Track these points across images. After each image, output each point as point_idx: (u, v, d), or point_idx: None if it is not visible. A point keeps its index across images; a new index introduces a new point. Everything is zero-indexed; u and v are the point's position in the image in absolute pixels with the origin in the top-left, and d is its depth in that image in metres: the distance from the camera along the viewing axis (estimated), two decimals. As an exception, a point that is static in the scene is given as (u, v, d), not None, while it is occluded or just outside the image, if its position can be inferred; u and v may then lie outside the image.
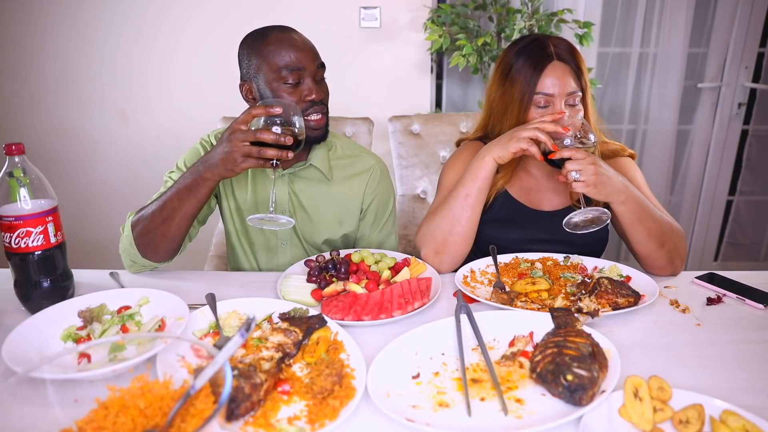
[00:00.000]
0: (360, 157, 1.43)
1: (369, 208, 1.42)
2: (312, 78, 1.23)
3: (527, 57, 1.26)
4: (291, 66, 1.20)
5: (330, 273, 1.15)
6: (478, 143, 1.44)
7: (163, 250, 1.20)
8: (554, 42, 1.27)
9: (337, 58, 2.59)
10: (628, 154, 1.42)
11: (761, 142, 2.97)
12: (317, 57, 1.25)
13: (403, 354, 0.87)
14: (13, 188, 0.99)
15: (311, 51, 1.24)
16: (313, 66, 1.23)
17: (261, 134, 1.04)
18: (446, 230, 1.24)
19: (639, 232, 1.19)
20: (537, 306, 1.05)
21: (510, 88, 1.28)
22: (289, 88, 1.21)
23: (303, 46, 1.23)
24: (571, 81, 1.25)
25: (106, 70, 2.62)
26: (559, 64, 1.24)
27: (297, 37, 1.25)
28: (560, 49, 1.26)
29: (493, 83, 1.35)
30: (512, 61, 1.28)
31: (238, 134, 1.05)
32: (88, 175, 2.77)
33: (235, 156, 1.05)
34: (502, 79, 1.31)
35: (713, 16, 2.74)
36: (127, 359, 0.80)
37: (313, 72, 1.23)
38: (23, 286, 1.03)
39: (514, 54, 1.29)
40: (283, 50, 1.21)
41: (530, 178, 1.40)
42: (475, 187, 1.24)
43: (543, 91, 1.24)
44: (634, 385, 0.74)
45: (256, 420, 0.72)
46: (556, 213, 1.37)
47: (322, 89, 1.26)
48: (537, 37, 1.30)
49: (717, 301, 1.09)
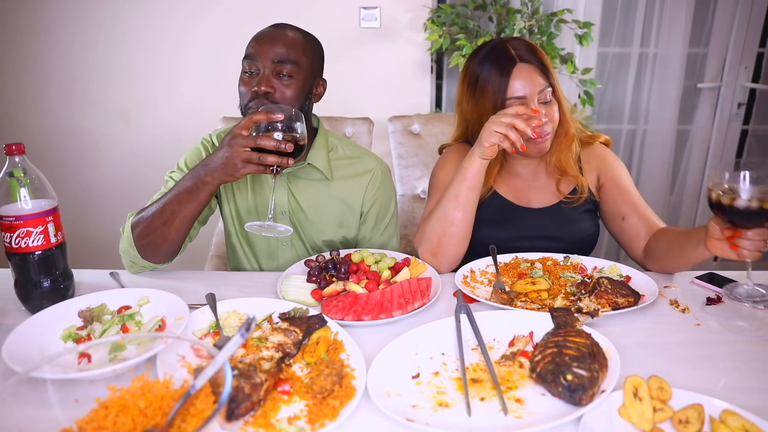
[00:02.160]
0: (361, 158, 1.42)
1: (369, 212, 1.42)
2: (270, 71, 1.21)
3: (491, 65, 1.26)
4: (249, 56, 1.22)
5: (330, 273, 1.15)
6: (463, 145, 1.45)
7: (163, 252, 1.20)
8: (513, 45, 1.28)
9: (337, 58, 2.59)
10: (603, 141, 1.44)
11: (761, 142, 2.96)
12: (279, 54, 1.21)
13: (403, 354, 0.87)
14: (14, 188, 0.99)
15: (274, 46, 1.21)
16: (267, 59, 1.20)
17: (262, 141, 1.04)
18: (440, 231, 1.24)
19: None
20: (537, 306, 1.05)
21: (481, 98, 1.28)
22: (245, 77, 1.23)
23: (268, 40, 1.22)
24: (539, 79, 1.25)
25: (107, 70, 2.63)
26: (523, 65, 1.25)
27: (273, 32, 1.24)
28: (520, 50, 1.26)
29: (462, 96, 1.35)
30: (477, 71, 1.29)
31: (239, 140, 1.05)
32: (88, 175, 2.77)
33: (235, 161, 1.05)
34: (471, 91, 1.31)
35: (713, 16, 2.74)
36: (127, 359, 0.80)
37: (268, 66, 1.20)
38: (23, 286, 1.03)
39: (477, 64, 1.30)
40: (251, 42, 1.24)
41: (518, 176, 1.42)
42: (464, 186, 1.23)
43: (514, 95, 1.24)
44: (634, 385, 0.74)
45: (256, 420, 0.72)
46: (545, 210, 1.38)
47: (275, 85, 1.21)
48: (495, 43, 1.30)
49: (717, 301, 1.09)
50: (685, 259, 1.15)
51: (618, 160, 1.41)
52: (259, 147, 1.04)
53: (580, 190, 1.36)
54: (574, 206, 1.37)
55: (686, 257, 1.14)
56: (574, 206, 1.37)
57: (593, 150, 1.41)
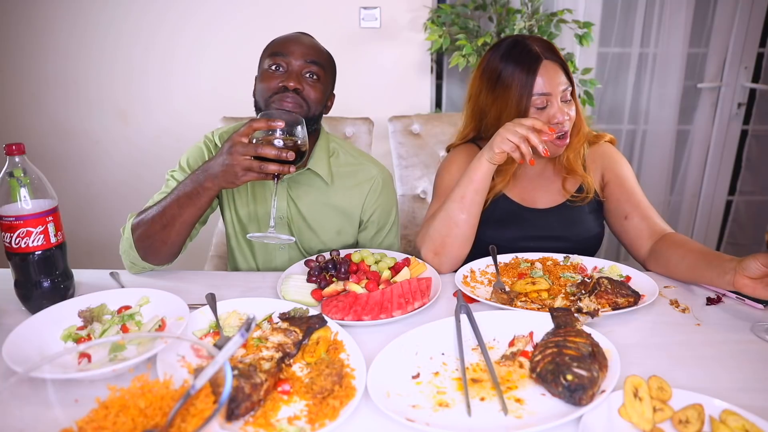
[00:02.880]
0: (363, 165, 1.41)
1: (370, 220, 1.41)
2: (300, 69, 1.22)
3: (517, 61, 1.26)
4: (278, 53, 1.22)
5: (330, 273, 1.15)
6: (470, 146, 1.45)
7: (164, 255, 1.19)
8: (535, 42, 1.28)
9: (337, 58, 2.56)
10: (608, 140, 1.44)
11: (761, 142, 2.97)
12: (311, 54, 1.23)
13: (403, 354, 0.87)
14: (14, 188, 0.99)
15: (302, 45, 1.23)
16: (297, 57, 1.22)
17: (262, 149, 1.01)
18: (444, 232, 1.24)
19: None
20: (537, 306, 1.05)
21: (503, 93, 1.28)
22: (269, 73, 1.23)
23: (299, 42, 1.24)
24: (562, 77, 1.26)
25: (106, 70, 2.63)
26: (548, 62, 1.25)
27: (302, 37, 1.26)
28: (543, 47, 1.26)
29: (480, 90, 1.34)
30: (500, 66, 1.28)
31: (239, 147, 1.03)
32: (88, 175, 2.77)
33: (235, 170, 1.04)
34: (491, 86, 1.30)
35: (713, 16, 2.74)
36: (128, 359, 0.80)
37: (300, 64, 1.22)
38: (23, 286, 1.03)
39: (499, 59, 1.29)
40: (279, 43, 1.24)
41: (524, 177, 1.41)
42: (470, 189, 1.22)
43: (540, 92, 1.24)
44: (634, 385, 0.74)
45: (256, 420, 0.72)
46: (551, 210, 1.38)
47: (304, 84, 1.22)
48: (516, 39, 1.30)
49: (716, 301, 1.09)
50: (695, 279, 1.13)
51: (622, 158, 1.40)
52: (259, 156, 1.03)
53: (587, 188, 1.36)
54: (580, 205, 1.37)
55: (698, 278, 1.12)
56: (580, 205, 1.37)
57: (598, 148, 1.41)
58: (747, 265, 0.97)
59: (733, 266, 1.00)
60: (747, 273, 0.98)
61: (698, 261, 1.11)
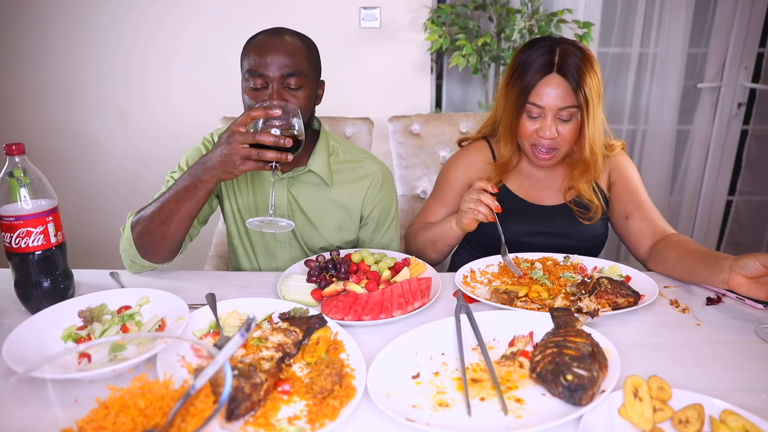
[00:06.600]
0: (362, 162, 1.41)
1: (370, 216, 1.41)
2: (279, 84, 1.18)
3: (531, 63, 1.25)
4: (253, 70, 1.18)
5: (330, 273, 1.15)
6: (480, 143, 1.45)
7: (163, 251, 1.19)
8: (564, 50, 1.23)
9: (337, 58, 2.59)
10: (620, 147, 1.44)
11: (761, 142, 2.96)
12: (287, 65, 1.17)
13: (403, 354, 0.87)
14: (14, 188, 0.98)
15: (280, 57, 1.17)
16: (276, 73, 1.17)
17: (260, 136, 1.03)
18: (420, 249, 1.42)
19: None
20: (537, 306, 1.05)
21: (511, 90, 1.29)
22: (252, 92, 1.19)
23: (271, 52, 1.17)
24: (568, 96, 1.23)
25: (106, 70, 2.62)
26: (557, 77, 1.23)
27: (275, 42, 1.19)
28: (566, 60, 1.22)
29: (503, 81, 1.36)
30: (520, 62, 1.28)
31: (237, 136, 1.04)
32: (88, 175, 2.77)
33: (233, 158, 1.04)
34: (508, 80, 1.32)
35: (713, 16, 2.74)
36: (127, 359, 0.80)
37: (277, 79, 1.17)
38: (23, 286, 1.03)
39: (523, 55, 1.28)
40: (252, 54, 1.19)
41: (530, 175, 1.42)
42: (441, 242, 1.35)
43: (535, 102, 1.24)
44: (634, 385, 0.74)
45: (256, 420, 0.72)
46: (557, 207, 1.38)
47: (287, 98, 1.18)
48: (550, 43, 1.26)
49: (716, 301, 1.09)
50: (692, 278, 1.14)
51: (629, 160, 1.41)
52: (257, 143, 1.03)
53: (594, 210, 1.35)
54: (588, 224, 1.36)
55: (695, 277, 1.12)
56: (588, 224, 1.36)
57: (615, 158, 1.41)
58: (745, 264, 0.97)
59: (728, 264, 1.00)
60: (745, 272, 0.97)
61: (695, 260, 1.11)
